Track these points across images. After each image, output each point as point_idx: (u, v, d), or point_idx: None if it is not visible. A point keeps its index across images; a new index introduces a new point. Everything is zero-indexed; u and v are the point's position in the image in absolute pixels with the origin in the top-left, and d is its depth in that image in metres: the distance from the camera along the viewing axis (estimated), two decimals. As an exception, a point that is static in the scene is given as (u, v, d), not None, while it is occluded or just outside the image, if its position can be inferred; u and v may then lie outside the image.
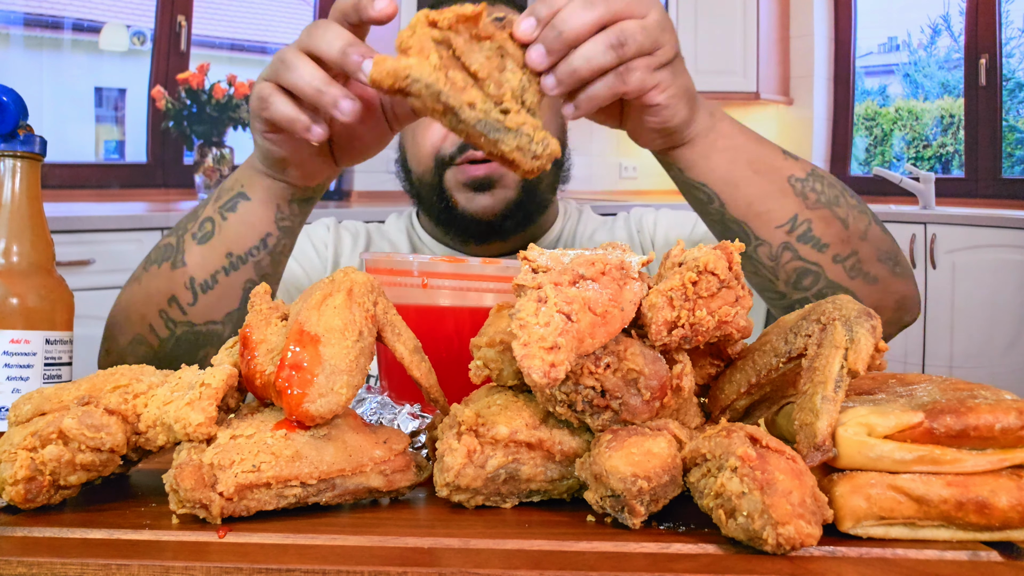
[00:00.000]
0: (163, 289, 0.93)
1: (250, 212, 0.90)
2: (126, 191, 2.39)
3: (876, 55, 2.49)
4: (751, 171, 0.87)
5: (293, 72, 0.74)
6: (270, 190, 0.88)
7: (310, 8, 2.51)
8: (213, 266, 0.91)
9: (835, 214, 0.89)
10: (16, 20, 2.32)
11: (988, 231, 2.36)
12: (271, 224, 0.90)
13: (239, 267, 0.92)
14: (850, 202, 0.92)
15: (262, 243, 0.91)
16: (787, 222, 0.87)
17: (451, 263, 0.73)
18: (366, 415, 0.74)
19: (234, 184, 0.92)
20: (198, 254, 0.92)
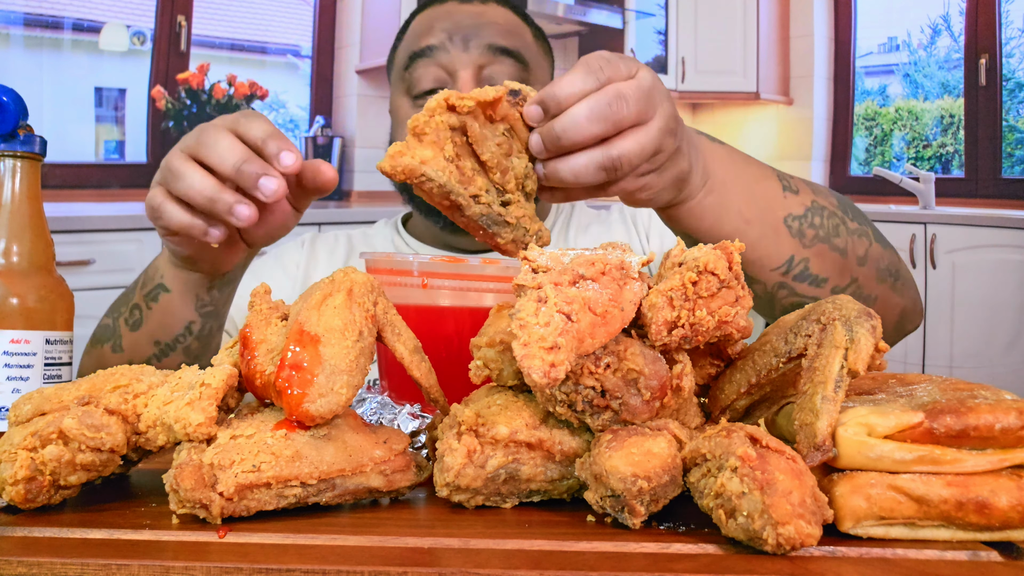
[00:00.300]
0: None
1: (171, 303, 0.90)
2: (126, 191, 2.39)
3: (876, 55, 2.49)
4: (742, 222, 0.84)
5: (182, 181, 0.74)
6: (187, 283, 0.88)
7: (310, 8, 2.52)
8: (144, 353, 0.93)
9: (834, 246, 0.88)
10: (16, 20, 2.32)
11: (988, 231, 2.36)
12: (192, 313, 0.91)
13: (168, 354, 0.93)
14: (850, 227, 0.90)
15: (186, 331, 0.92)
16: (783, 264, 0.86)
17: (451, 263, 0.73)
18: (366, 415, 0.74)
19: (155, 274, 0.92)
20: (131, 341, 0.94)
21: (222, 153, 0.72)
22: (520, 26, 1.25)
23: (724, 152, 0.86)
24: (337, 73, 2.53)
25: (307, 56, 2.52)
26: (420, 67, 1.19)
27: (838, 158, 2.49)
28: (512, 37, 1.21)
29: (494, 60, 1.17)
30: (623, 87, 0.68)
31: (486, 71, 1.17)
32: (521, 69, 1.19)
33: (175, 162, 0.74)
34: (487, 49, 1.17)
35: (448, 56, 1.18)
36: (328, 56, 2.52)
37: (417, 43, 1.21)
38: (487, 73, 1.17)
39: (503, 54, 1.18)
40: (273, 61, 2.52)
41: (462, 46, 1.17)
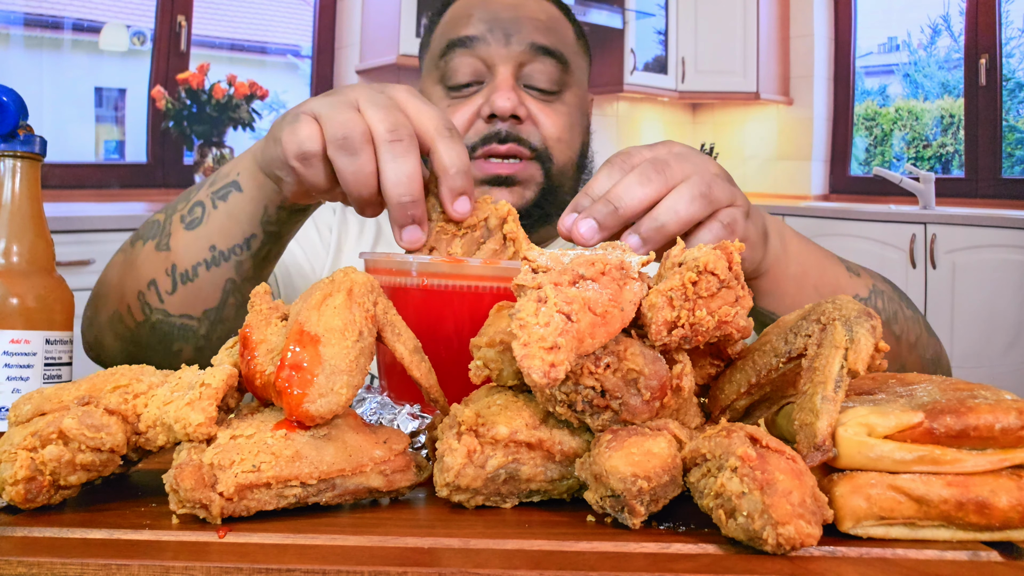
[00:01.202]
0: (145, 270, 0.90)
1: (239, 206, 0.86)
2: (126, 191, 2.39)
3: (876, 55, 2.49)
4: (816, 295, 0.85)
5: (395, 161, 0.70)
6: (262, 189, 0.84)
7: (310, 8, 2.52)
8: (195, 257, 0.88)
9: (891, 331, 0.88)
10: (16, 20, 2.32)
11: (988, 231, 2.36)
12: (256, 224, 0.86)
13: (220, 264, 0.88)
14: (906, 314, 0.92)
15: (246, 243, 0.87)
16: None
17: (451, 263, 0.73)
18: (366, 415, 0.74)
19: (231, 171, 0.88)
20: (183, 240, 0.89)
21: (399, 180, 0.70)
22: (561, 22, 1.23)
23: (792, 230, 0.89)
24: (337, 73, 2.53)
25: (307, 56, 2.52)
26: (457, 56, 1.17)
27: (838, 158, 2.49)
28: (553, 35, 1.19)
29: (534, 58, 1.16)
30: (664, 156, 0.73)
31: (526, 68, 1.16)
32: (561, 70, 1.18)
33: (356, 137, 0.70)
34: (528, 47, 1.16)
35: (488, 49, 1.16)
36: (328, 56, 2.52)
37: (455, 31, 1.19)
38: (527, 71, 1.16)
39: (544, 53, 1.16)
40: (273, 61, 2.51)
41: (503, 40, 1.15)
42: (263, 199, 0.85)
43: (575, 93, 1.23)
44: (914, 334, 0.92)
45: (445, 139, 0.72)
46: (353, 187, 0.72)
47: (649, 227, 0.71)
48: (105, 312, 0.94)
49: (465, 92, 1.18)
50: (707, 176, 0.73)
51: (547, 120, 1.18)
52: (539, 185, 1.19)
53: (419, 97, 0.74)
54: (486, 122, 1.16)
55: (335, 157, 0.71)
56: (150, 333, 0.91)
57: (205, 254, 0.88)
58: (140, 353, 0.93)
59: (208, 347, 0.93)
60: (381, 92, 0.73)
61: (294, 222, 0.89)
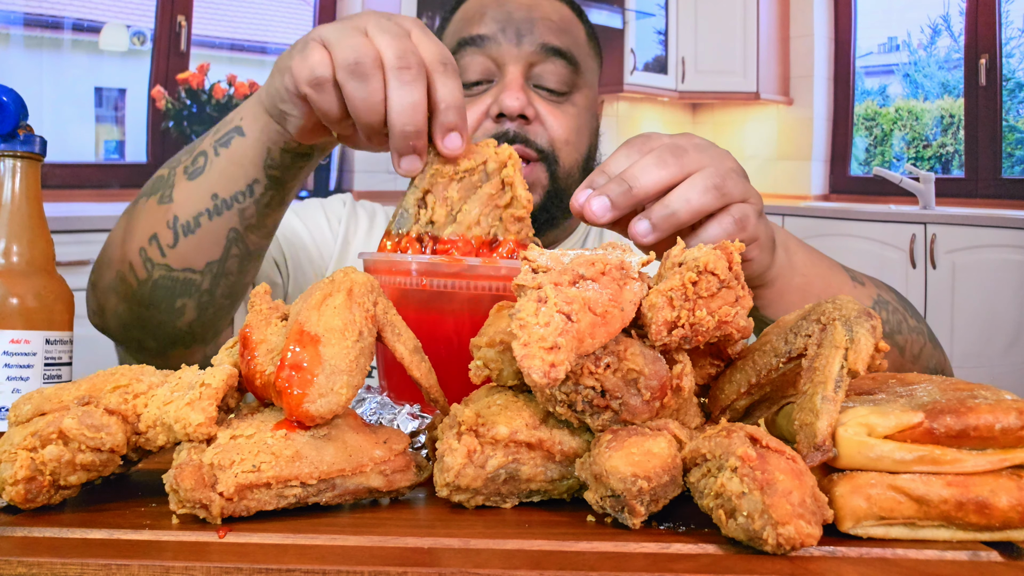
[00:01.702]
0: (146, 225, 0.89)
1: (241, 151, 0.85)
2: (126, 191, 2.39)
3: (876, 55, 2.49)
4: None
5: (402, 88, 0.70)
6: (266, 130, 0.84)
7: (310, 8, 2.52)
8: (197, 206, 0.87)
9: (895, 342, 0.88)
10: (16, 20, 2.32)
11: (988, 231, 2.36)
12: (259, 169, 0.85)
13: (223, 212, 0.87)
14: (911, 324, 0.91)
15: (248, 189, 0.86)
16: None
17: (451, 263, 0.73)
18: (366, 415, 0.74)
19: (234, 116, 0.87)
20: (185, 191, 0.88)
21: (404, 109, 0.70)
22: (573, 23, 1.23)
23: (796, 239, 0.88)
24: (337, 73, 2.53)
25: (307, 56, 2.52)
26: (468, 55, 1.17)
27: (838, 158, 2.49)
28: (564, 36, 1.19)
29: (545, 59, 1.16)
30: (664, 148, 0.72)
31: (536, 69, 1.16)
32: (571, 71, 1.18)
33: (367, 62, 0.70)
34: (540, 47, 1.15)
35: (499, 48, 1.16)
36: (328, 56, 2.52)
37: (467, 30, 1.19)
38: (537, 71, 1.16)
39: (555, 54, 1.16)
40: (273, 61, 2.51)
41: (515, 40, 1.15)
42: (267, 141, 0.84)
43: (585, 95, 1.23)
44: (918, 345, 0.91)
45: (440, 73, 0.72)
46: (363, 113, 0.72)
47: (660, 214, 0.71)
48: (108, 275, 0.93)
49: (475, 91, 1.18)
50: (723, 169, 0.73)
51: (555, 121, 1.18)
52: (544, 188, 1.19)
53: (424, 29, 0.74)
54: (494, 121, 1.16)
55: (345, 82, 0.71)
56: (152, 291, 0.90)
57: (207, 203, 0.87)
58: (144, 313, 0.92)
59: (211, 303, 0.92)
60: (389, 19, 0.73)
61: (298, 167, 0.88)
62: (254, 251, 0.92)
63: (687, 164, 0.71)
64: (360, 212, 1.34)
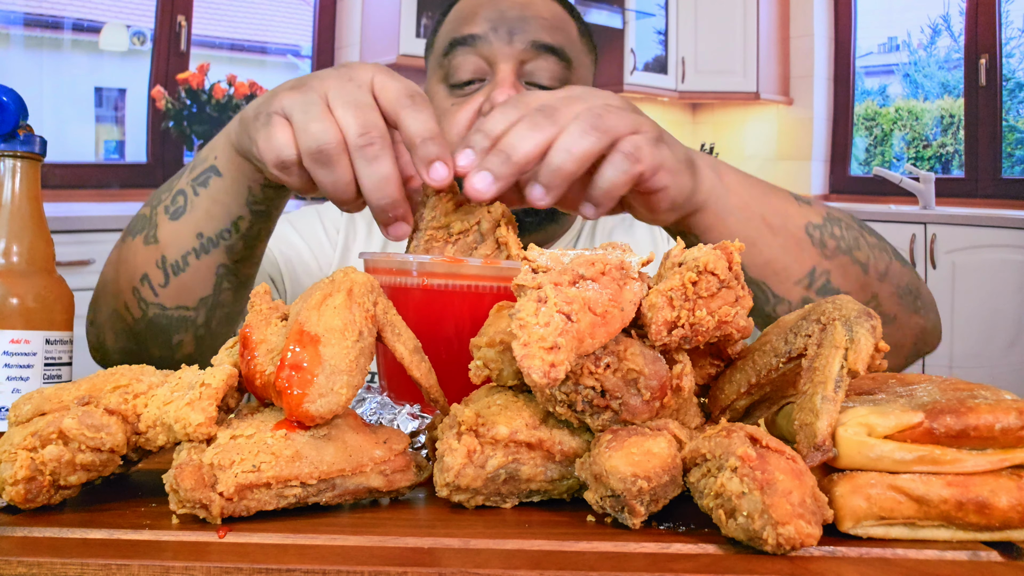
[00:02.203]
0: (136, 265, 0.89)
1: (221, 190, 0.84)
2: (126, 191, 2.39)
3: (876, 55, 2.49)
4: (765, 227, 0.82)
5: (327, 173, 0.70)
6: (242, 171, 0.82)
7: (310, 8, 2.52)
8: (184, 246, 0.86)
9: (855, 259, 0.85)
10: (16, 20, 2.32)
11: (988, 231, 2.36)
12: (242, 206, 0.84)
13: (210, 250, 0.86)
14: (870, 241, 0.88)
15: (233, 226, 0.85)
16: (806, 276, 0.83)
17: (451, 263, 0.73)
18: (366, 415, 0.74)
19: (208, 155, 0.86)
20: (170, 231, 0.87)
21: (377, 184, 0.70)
22: (566, 20, 1.23)
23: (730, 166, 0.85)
24: (337, 73, 2.53)
25: (307, 56, 2.52)
26: (460, 55, 1.16)
27: (838, 158, 2.49)
28: (557, 33, 1.18)
29: (537, 56, 1.15)
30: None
31: (528, 66, 1.15)
32: (564, 67, 1.17)
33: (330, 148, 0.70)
34: (531, 45, 1.15)
35: (490, 47, 1.15)
36: (328, 56, 2.52)
37: (459, 30, 1.18)
38: (529, 68, 1.15)
39: (546, 51, 1.15)
40: (273, 61, 2.51)
41: (506, 38, 1.15)
42: (245, 180, 0.83)
43: None
44: (883, 263, 0.87)
45: (407, 108, 0.71)
46: (333, 195, 0.72)
47: (546, 173, 0.69)
48: (104, 311, 0.94)
49: (467, 90, 1.17)
50: (597, 108, 0.70)
51: None
52: None
53: (384, 71, 0.73)
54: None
55: (312, 169, 0.71)
56: (148, 328, 0.90)
57: (193, 242, 0.87)
58: (141, 349, 0.93)
59: (208, 335, 0.93)
60: (349, 80, 0.72)
61: (281, 197, 0.87)
62: (246, 280, 0.93)
63: (561, 118, 0.70)
64: (358, 218, 1.33)
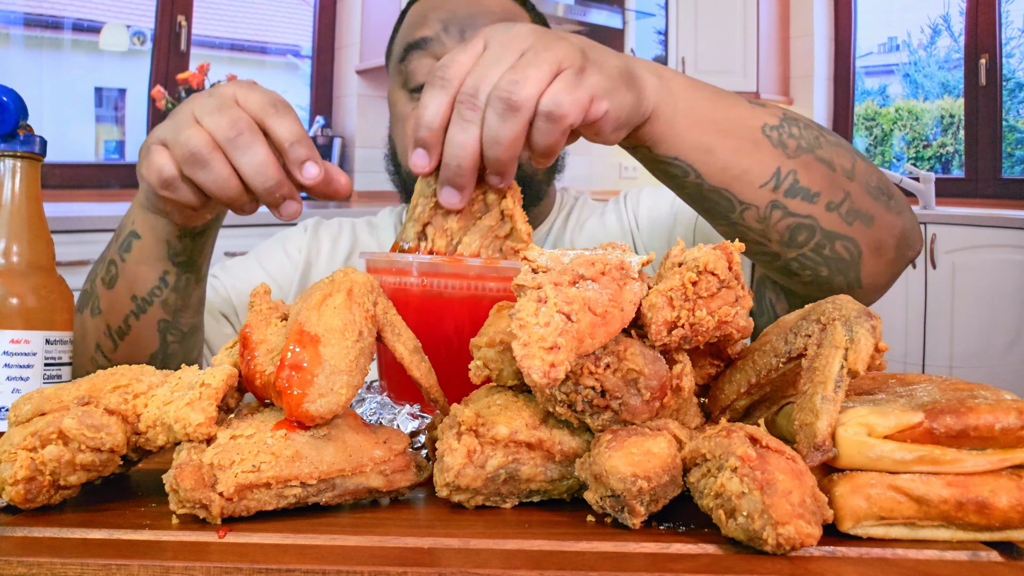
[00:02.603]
0: (90, 338, 0.93)
1: (143, 251, 0.87)
2: (126, 191, 2.39)
3: (876, 55, 2.49)
4: (718, 131, 0.79)
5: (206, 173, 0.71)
6: (156, 228, 0.86)
7: (310, 8, 2.52)
8: (123, 311, 0.90)
9: (818, 157, 0.81)
10: (16, 20, 2.32)
11: (988, 231, 2.36)
12: (165, 262, 0.88)
13: (146, 309, 0.90)
14: (830, 140, 0.85)
15: (162, 282, 0.89)
16: (771, 178, 0.80)
17: (451, 263, 0.73)
18: (366, 415, 0.74)
19: (127, 222, 0.89)
20: (108, 300, 0.91)
21: (256, 168, 0.71)
22: (517, 12, 1.23)
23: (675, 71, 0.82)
24: (337, 73, 2.53)
25: (307, 56, 2.53)
26: (415, 59, 1.17)
27: (838, 158, 2.48)
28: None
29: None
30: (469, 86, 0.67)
31: None
32: None
33: (201, 148, 0.71)
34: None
35: (443, 48, 1.15)
36: (328, 56, 2.53)
37: (412, 34, 1.19)
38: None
39: None
40: (273, 61, 2.52)
41: (458, 36, 1.15)
42: (162, 237, 0.86)
43: None
44: (847, 160, 0.84)
45: (272, 116, 0.72)
46: (219, 194, 0.73)
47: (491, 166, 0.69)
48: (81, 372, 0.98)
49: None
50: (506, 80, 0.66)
51: None
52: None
53: (246, 86, 0.75)
54: None
55: (192, 175, 0.73)
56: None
57: (130, 305, 0.90)
58: None
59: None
60: (211, 96, 0.74)
61: (201, 245, 0.90)
62: (190, 330, 0.96)
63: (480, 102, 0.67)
64: (323, 233, 1.35)
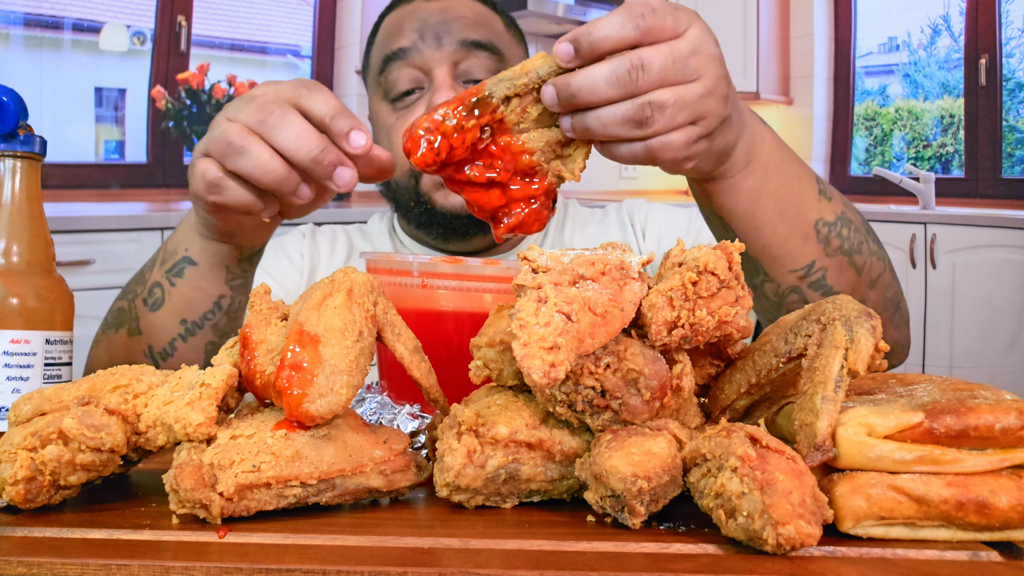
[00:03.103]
0: (123, 357, 0.92)
1: (199, 277, 0.87)
2: (126, 191, 2.39)
3: (876, 55, 2.49)
4: (776, 214, 0.82)
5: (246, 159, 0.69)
6: (217, 254, 0.86)
7: (310, 8, 2.52)
8: (169, 334, 0.90)
9: (852, 262, 0.86)
10: (16, 20, 2.32)
11: (988, 231, 2.36)
12: (222, 286, 0.88)
13: (196, 332, 0.90)
14: (872, 248, 0.89)
15: (216, 306, 0.88)
16: (803, 268, 0.84)
17: (451, 263, 0.73)
18: (366, 415, 0.74)
19: (177, 247, 0.88)
20: (151, 322, 0.90)
21: (295, 141, 0.69)
22: (489, 16, 1.25)
23: (771, 136, 0.83)
24: (337, 73, 2.53)
25: (307, 56, 2.52)
26: (395, 70, 1.19)
27: (838, 158, 2.49)
28: (483, 28, 1.20)
29: (468, 55, 1.17)
30: (649, 54, 0.64)
31: (462, 66, 1.17)
32: (496, 60, 1.19)
33: (235, 136, 0.70)
34: (460, 45, 1.17)
35: (421, 56, 1.17)
36: (328, 56, 2.52)
37: (389, 46, 1.21)
38: (463, 68, 1.17)
39: (476, 47, 1.17)
40: (273, 61, 2.51)
41: (435, 44, 1.17)
42: (222, 262, 0.86)
43: None
44: (877, 270, 0.89)
45: (304, 95, 0.71)
46: (264, 178, 0.71)
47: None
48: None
49: (407, 101, 1.19)
50: (704, 95, 0.67)
51: None
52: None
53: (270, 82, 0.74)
54: None
55: (235, 167, 0.71)
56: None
57: (178, 329, 0.90)
58: None
59: None
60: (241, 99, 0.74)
61: (255, 266, 0.90)
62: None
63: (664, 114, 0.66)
64: (320, 239, 1.36)
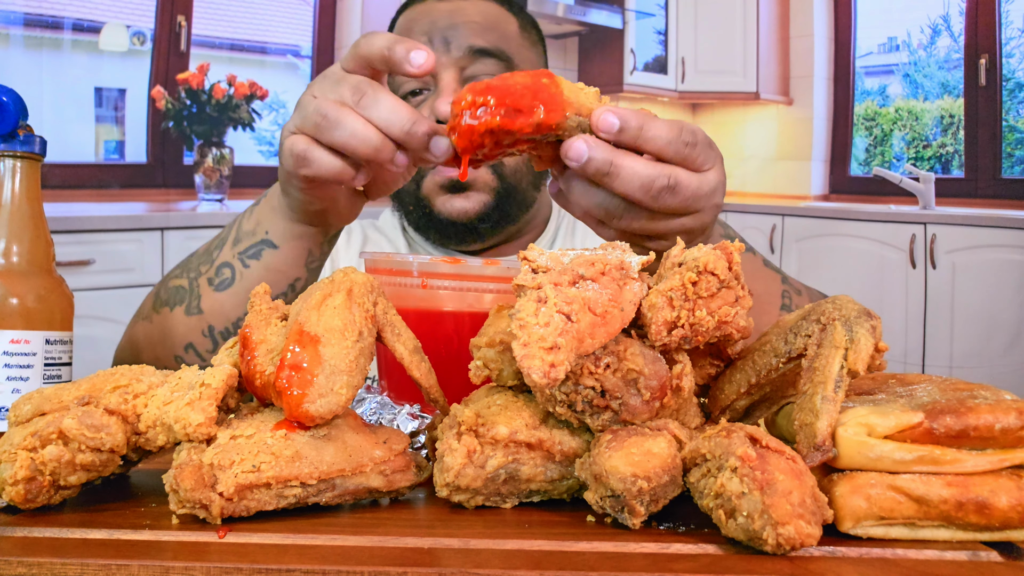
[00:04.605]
0: (178, 334, 0.91)
1: (278, 260, 0.87)
2: (126, 191, 2.39)
3: (876, 55, 2.49)
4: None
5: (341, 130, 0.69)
6: (302, 237, 0.86)
7: (310, 8, 2.52)
8: (235, 313, 0.89)
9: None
10: (16, 20, 2.32)
11: (988, 231, 2.36)
12: (301, 269, 0.88)
13: None
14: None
15: (290, 288, 0.88)
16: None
17: (451, 263, 0.73)
18: (366, 415, 0.74)
19: (256, 229, 0.88)
20: (216, 302, 0.89)
21: (390, 114, 0.69)
22: (502, 18, 1.24)
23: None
24: (337, 73, 2.53)
25: (307, 56, 2.53)
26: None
27: (838, 158, 2.49)
28: (491, 34, 1.20)
29: (475, 61, 1.17)
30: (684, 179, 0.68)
31: (468, 71, 1.17)
32: (504, 67, 1.19)
33: (329, 110, 0.70)
34: (467, 51, 1.17)
35: None
36: (328, 56, 2.52)
37: None
38: (468, 73, 1.17)
39: (483, 55, 1.17)
40: (273, 61, 2.52)
41: (443, 48, 1.17)
42: (306, 245, 0.86)
43: None
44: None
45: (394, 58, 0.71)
46: (360, 146, 0.70)
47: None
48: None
49: (412, 101, 1.20)
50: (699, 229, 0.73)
51: None
52: (493, 189, 1.20)
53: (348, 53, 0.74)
54: None
55: (329, 139, 0.71)
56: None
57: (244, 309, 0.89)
58: None
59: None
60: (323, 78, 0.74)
61: (332, 247, 0.90)
62: None
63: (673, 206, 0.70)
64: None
